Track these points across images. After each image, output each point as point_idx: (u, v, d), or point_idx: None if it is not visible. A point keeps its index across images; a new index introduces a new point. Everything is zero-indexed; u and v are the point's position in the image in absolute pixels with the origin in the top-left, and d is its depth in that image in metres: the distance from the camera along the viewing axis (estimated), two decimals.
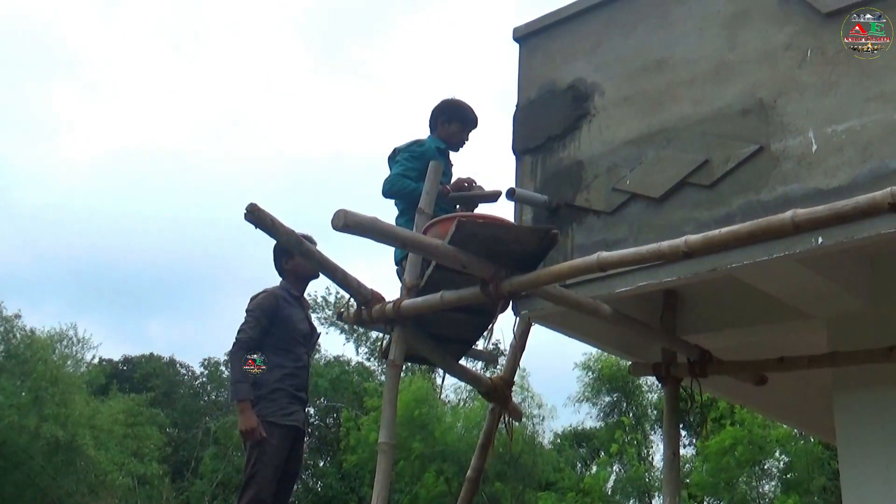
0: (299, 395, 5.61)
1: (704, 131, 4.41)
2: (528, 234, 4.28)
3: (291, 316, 5.70)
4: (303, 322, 5.80)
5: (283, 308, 5.67)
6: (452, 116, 5.64)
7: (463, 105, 5.68)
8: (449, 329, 4.88)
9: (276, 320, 5.62)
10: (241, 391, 5.42)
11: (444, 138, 5.61)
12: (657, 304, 5.18)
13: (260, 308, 5.62)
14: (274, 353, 5.55)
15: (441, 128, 5.63)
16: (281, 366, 5.55)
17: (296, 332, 5.69)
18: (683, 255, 3.46)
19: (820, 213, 3.11)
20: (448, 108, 5.65)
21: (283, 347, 5.61)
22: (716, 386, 5.73)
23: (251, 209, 4.02)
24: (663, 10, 4.77)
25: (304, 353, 5.74)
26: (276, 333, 5.61)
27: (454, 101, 5.69)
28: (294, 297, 5.79)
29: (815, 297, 4.65)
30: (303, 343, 5.73)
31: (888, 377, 4.52)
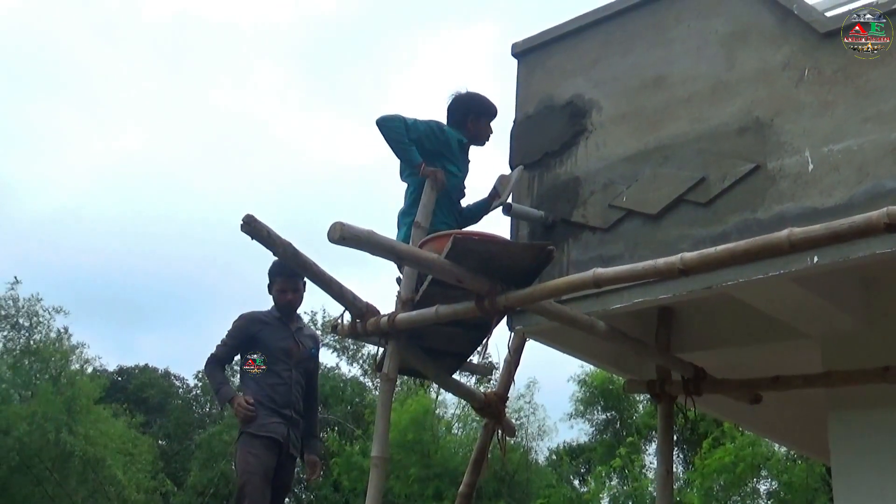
0: (282, 412, 5.70)
1: (701, 149, 4.42)
2: (524, 251, 4.29)
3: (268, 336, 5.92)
4: (284, 340, 5.96)
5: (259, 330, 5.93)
6: (482, 112, 5.45)
7: (487, 99, 5.51)
8: (443, 343, 4.88)
9: (252, 343, 5.90)
10: (227, 392, 5.84)
11: (474, 135, 5.45)
12: (652, 322, 5.18)
13: (233, 330, 6.01)
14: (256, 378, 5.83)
15: (471, 125, 5.44)
16: (260, 383, 5.78)
17: (274, 350, 5.89)
18: (679, 272, 3.46)
19: (816, 232, 3.11)
20: (477, 104, 5.45)
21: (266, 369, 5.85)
22: (710, 404, 5.72)
23: (247, 220, 4.02)
24: (661, 28, 4.79)
25: (285, 370, 5.88)
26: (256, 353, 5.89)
27: (480, 96, 5.50)
28: (277, 319, 6.01)
29: (810, 316, 4.65)
30: (283, 360, 5.89)
31: (883, 397, 4.51)
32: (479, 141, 5.47)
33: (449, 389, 5.48)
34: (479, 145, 5.51)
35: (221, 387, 5.90)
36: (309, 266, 4.45)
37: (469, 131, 5.36)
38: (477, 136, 5.43)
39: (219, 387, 5.92)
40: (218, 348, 5.96)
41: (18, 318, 27.12)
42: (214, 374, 5.96)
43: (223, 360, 6.01)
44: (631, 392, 5.97)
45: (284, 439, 5.67)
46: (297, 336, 6.05)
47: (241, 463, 5.60)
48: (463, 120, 5.37)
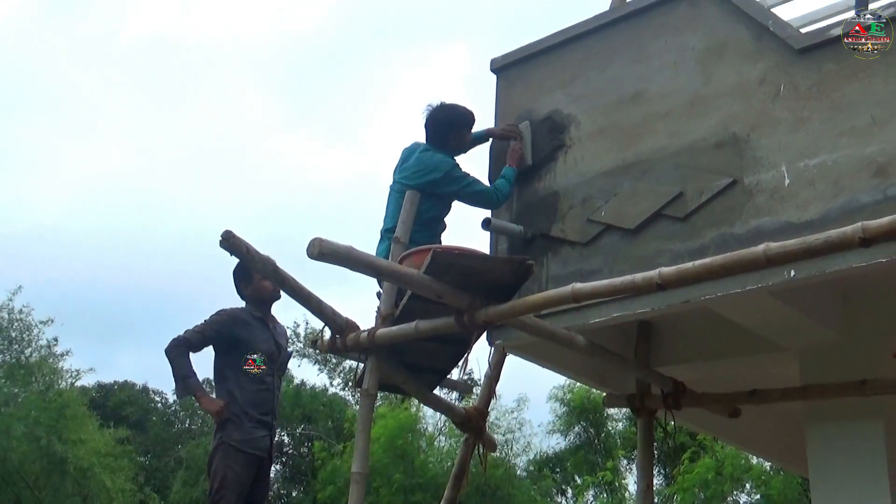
0: (264, 420, 5.59)
1: (679, 164, 4.44)
2: (503, 265, 4.29)
3: (251, 337, 5.71)
4: (266, 342, 5.78)
5: (241, 330, 5.69)
6: (463, 125, 5.32)
7: (463, 109, 5.35)
8: (423, 358, 4.87)
9: (234, 342, 5.64)
10: (194, 385, 5.54)
11: (456, 147, 5.33)
12: (631, 336, 5.20)
13: (212, 324, 5.68)
14: (237, 375, 5.56)
15: (453, 139, 5.30)
16: (244, 389, 5.57)
17: (257, 351, 5.68)
18: (657, 287, 3.48)
19: (792, 246, 3.13)
20: (456, 119, 5.30)
21: (246, 370, 5.62)
22: (689, 418, 5.74)
23: (226, 236, 4.01)
24: (639, 43, 4.82)
25: (268, 375, 5.71)
26: (237, 355, 5.63)
27: (457, 109, 5.34)
28: (256, 318, 5.79)
29: (787, 329, 4.68)
30: (267, 364, 5.71)
31: (860, 410, 4.54)
32: (463, 150, 5.40)
33: (429, 405, 5.48)
34: (463, 153, 5.46)
35: (189, 378, 5.49)
36: (288, 281, 4.44)
37: (451, 145, 5.29)
38: (460, 147, 5.35)
39: (186, 376, 5.49)
40: (191, 333, 5.57)
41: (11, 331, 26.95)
42: (181, 361, 5.52)
43: (193, 347, 5.57)
44: (611, 406, 5.98)
45: (266, 454, 5.62)
46: (276, 338, 5.92)
47: (219, 475, 5.38)
48: (446, 137, 5.25)
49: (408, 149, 5.36)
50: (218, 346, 5.68)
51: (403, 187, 4.98)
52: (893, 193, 3.72)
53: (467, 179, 5.06)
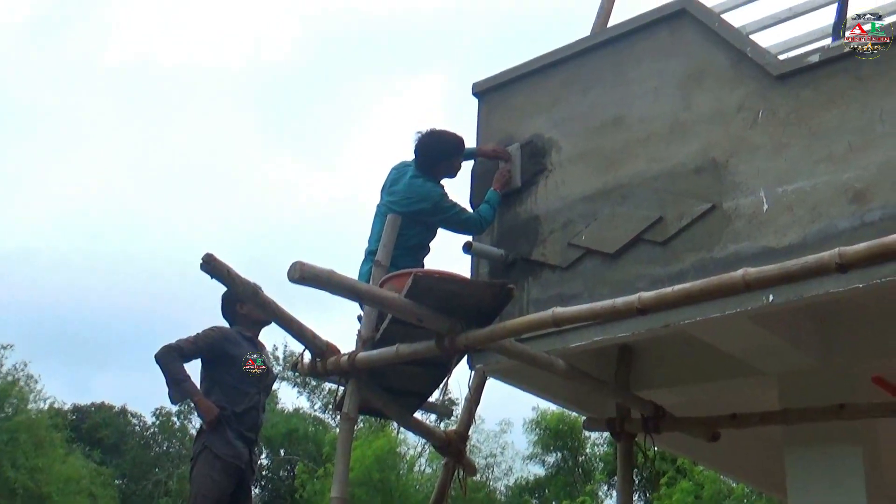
0: (248, 436, 5.59)
1: (659, 189, 4.47)
2: (484, 289, 4.30)
3: (241, 355, 5.71)
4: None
5: (231, 346, 5.70)
6: (452, 153, 5.28)
7: (452, 136, 5.30)
8: (404, 382, 4.86)
9: (224, 359, 5.66)
10: (189, 388, 5.54)
11: (445, 173, 5.30)
12: (611, 360, 5.20)
13: (205, 337, 5.69)
14: (225, 392, 5.59)
15: (443, 166, 5.26)
16: (233, 407, 5.57)
17: (247, 372, 5.68)
18: (637, 311, 3.49)
19: (770, 272, 3.15)
20: (445, 147, 5.26)
21: (235, 386, 5.64)
22: (669, 442, 5.75)
23: (207, 259, 3.99)
24: (620, 69, 4.86)
25: (256, 394, 5.74)
26: (228, 372, 5.64)
27: (446, 136, 5.29)
28: (246, 339, 5.80)
29: (766, 353, 4.70)
30: (255, 382, 5.71)
31: (839, 434, 4.56)
32: (451, 175, 5.38)
33: (409, 428, 5.46)
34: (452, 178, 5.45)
35: (185, 382, 5.50)
36: (269, 305, 4.42)
37: (440, 172, 5.27)
38: (449, 173, 5.34)
39: (181, 380, 5.51)
40: (183, 342, 5.59)
41: None
42: (176, 366, 5.53)
43: (184, 355, 5.59)
44: (591, 430, 5.98)
45: (246, 465, 5.58)
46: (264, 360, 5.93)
47: (199, 482, 5.41)
48: (435, 163, 5.22)
49: (396, 169, 5.36)
50: (207, 361, 5.70)
51: (390, 211, 4.98)
52: (870, 219, 3.75)
53: (455, 209, 5.08)
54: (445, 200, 5.10)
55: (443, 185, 5.24)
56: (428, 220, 5.07)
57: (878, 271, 3.54)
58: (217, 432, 5.48)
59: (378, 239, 4.96)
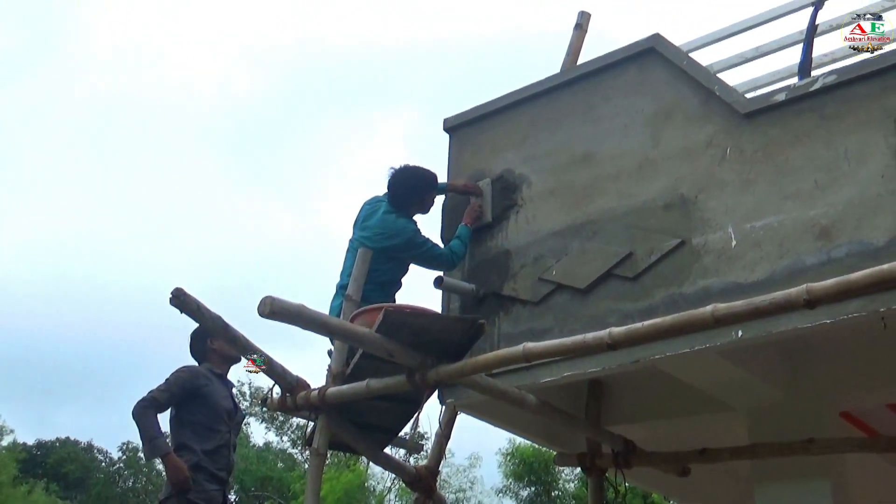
0: (219, 475, 5.52)
1: (629, 224, 4.50)
2: (455, 324, 4.30)
3: (213, 393, 5.64)
4: (226, 399, 5.74)
5: (202, 385, 5.62)
6: (426, 189, 5.30)
7: (426, 172, 5.32)
8: (374, 417, 4.84)
9: (196, 397, 5.56)
10: (162, 446, 5.37)
11: (419, 209, 5.31)
12: (582, 395, 5.21)
13: (177, 380, 5.57)
14: (196, 431, 5.50)
15: (416, 202, 5.28)
16: (205, 447, 5.48)
17: (218, 409, 5.62)
18: (608, 346, 3.50)
19: (739, 308, 3.17)
20: (420, 184, 5.28)
21: (206, 425, 5.55)
22: (640, 477, 5.74)
23: (176, 294, 3.98)
24: (589, 106, 4.91)
25: (227, 432, 5.67)
26: (199, 411, 5.56)
27: (420, 173, 5.30)
28: (216, 375, 5.74)
29: (735, 389, 4.73)
30: (226, 420, 5.66)
31: (808, 469, 4.57)
32: (424, 210, 5.38)
33: (379, 464, 5.43)
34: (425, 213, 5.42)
35: (157, 438, 5.37)
36: (238, 339, 4.41)
37: (413, 207, 5.27)
38: (422, 208, 5.34)
39: (154, 437, 5.37)
40: (159, 393, 5.44)
41: None
42: (150, 421, 5.37)
43: (160, 407, 5.46)
44: (562, 465, 5.98)
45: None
46: (233, 398, 5.90)
47: None
48: (409, 199, 5.24)
49: (369, 204, 5.36)
50: (178, 401, 5.57)
51: (363, 246, 4.97)
52: (837, 255, 3.80)
53: (427, 245, 5.09)
54: (418, 236, 5.11)
55: (415, 220, 5.25)
56: (400, 255, 5.08)
57: (846, 307, 3.58)
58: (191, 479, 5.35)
59: (349, 273, 4.95)
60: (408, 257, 5.12)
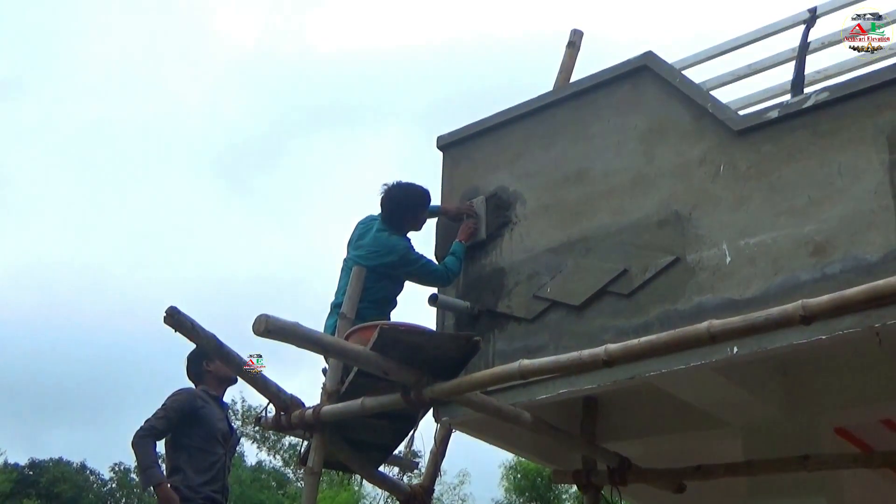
0: (215, 497, 5.52)
1: (623, 241, 4.51)
2: (450, 342, 4.29)
3: (209, 415, 5.65)
4: (221, 422, 5.76)
5: (199, 407, 5.63)
6: (418, 206, 5.26)
7: (418, 189, 5.28)
8: (369, 435, 4.83)
9: (193, 419, 5.57)
10: (155, 476, 5.39)
11: (412, 226, 5.28)
12: (577, 412, 5.20)
13: (173, 404, 5.58)
14: (192, 454, 5.51)
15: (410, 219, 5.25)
16: (200, 470, 5.48)
17: (214, 431, 5.63)
18: (603, 363, 3.50)
19: (734, 324, 3.18)
20: (411, 201, 5.24)
21: (203, 448, 5.56)
22: (635, 494, 5.73)
23: (171, 313, 3.97)
24: (582, 124, 4.92)
25: (223, 454, 5.67)
26: (195, 433, 5.57)
27: (412, 189, 5.27)
28: (212, 397, 5.74)
29: (730, 405, 4.73)
30: (221, 443, 5.66)
31: (803, 485, 4.57)
32: (417, 227, 5.36)
33: (374, 482, 5.41)
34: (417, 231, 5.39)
35: (152, 468, 5.40)
36: (233, 358, 4.39)
37: (407, 225, 5.25)
38: (415, 226, 5.32)
39: (149, 466, 5.38)
40: (157, 420, 5.47)
41: None
42: (147, 451, 5.42)
43: (159, 435, 5.49)
44: (557, 482, 5.96)
45: None
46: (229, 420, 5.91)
47: None
48: (401, 216, 5.21)
49: (363, 223, 5.35)
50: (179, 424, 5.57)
51: (357, 265, 4.97)
52: (831, 272, 3.81)
53: (421, 261, 5.08)
54: (412, 253, 5.10)
55: (409, 237, 5.24)
56: (394, 272, 5.07)
57: (841, 323, 3.58)
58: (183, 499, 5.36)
59: (344, 292, 4.94)
60: (402, 274, 5.11)
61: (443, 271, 5.05)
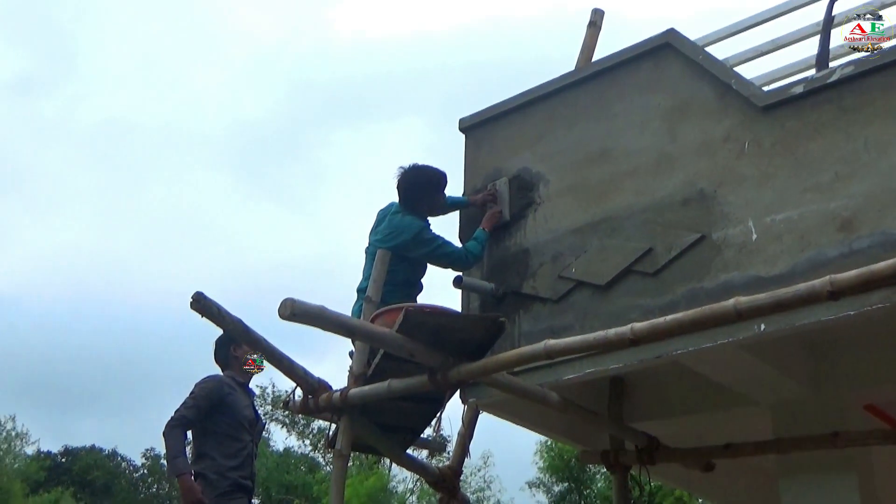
0: (244, 483, 5.56)
1: (647, 220, 4.49)
2: (476, 323, 4.30)
3: (236, 402, 5.70)
4: (248, 409, 5.81)
5: (227, 394, 5.68)
6: (436, 189, 5.26)
7: (436, 171, 5.29)
8: (396, 418, 4.84)
9: (220, 406, 5.63)
10: (180, 465, 5.44)
11: (430, 209, 5.28)
12: (604, 392, 5.20)
13: (201, 392, 5.63)
14: (220, 441, 5.56)
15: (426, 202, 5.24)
16: (227, 455, 5.54)
17: (241, 418, 5.69)
18: (630, 342, 3.49)
19: (762, 301, 3.16)
20: (429, 185, 5.24)
21: (230, 434, 5.62)
22: (664, 473, 5.72)
23: (197, 298, 3.99)
24: (604, 103, 4.89)
25: (250, 441, 5.73)
26: (222, 420, 5.63)
27: (429, 173, 5.28)
28: (238, 384, 5.78)
29: (758, 383, 4.70)
30: (248, 430, 5.71)
31: (833, 462, 4.55)
32: (437, 212, 5.37)
33: (402, 465, 5.43)
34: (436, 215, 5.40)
35: (178, 457, 5.45)
36: (259, 342, 4.42)
37: (423, 207, 5.25)
38: (432, 209, 5.30)
39: (176, 455, 5.45)
40: (187, 410, 5.54)
41: None
42: (177, 439, 5.49)
43: (190, 423, 5.57)
44: (585, 463, 5.96)
45: None
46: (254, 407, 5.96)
47: None
48: (417, 199, 5.20)
49: (382, 210, 5.36)
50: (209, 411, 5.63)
51: (377, 249, 4.97)
52: (859, 247, 3.77)
53: (437, 241, 5.06)
54: (426, 232, 5.08)
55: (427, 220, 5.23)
56: (411, 253, 5.03)
57: (869, 298, 3.55)
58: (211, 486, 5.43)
59: (368, 277, 4.95)
60: (419, 255, 5.08)
61: (462, 253, 5.03)
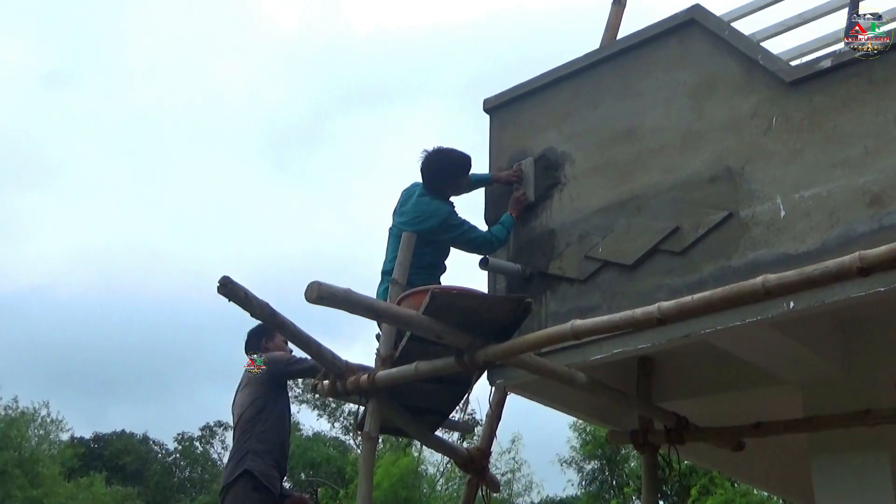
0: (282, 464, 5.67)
1: (674, 199, 4.45)
2: (502, 304, 4.28)
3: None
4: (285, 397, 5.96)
5: None
6: (459, 173, 5.25)
7: (459, 154, 5.27)
8: (424, 400, 4.86)
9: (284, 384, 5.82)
10: None
11: (454, 191, 5.29)
12: (632, 372, 5.18)
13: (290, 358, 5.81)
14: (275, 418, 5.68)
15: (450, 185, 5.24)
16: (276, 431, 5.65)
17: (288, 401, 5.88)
18: (657, 321, 3.46)
19: (790, 278, 3.12)
20: (453, 168, 5.23)
21: (283, 414, 5.76)
22: (693, 453, 5.71)
23: (224, 282, 3.99)
24: (630, 81, 4.85)
25: (289, 424, 5.88)
26: (282, 397, 5.78)
27: (453, 156, 5.26)
28: None
29: (788, 361, 4.67)
30: (288, 415, 5.86)
31: (864, 440, 4.52)
32: (459, 193, 5.36)
33: (431, 446, 5.44)
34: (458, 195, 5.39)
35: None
36: (287, 326, 4.42)
37: (447, 190, 5.24)
38: (456, 191, 5.32)
39: None
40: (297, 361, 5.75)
41: None
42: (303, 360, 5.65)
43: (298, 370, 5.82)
44: (614, 443, 5.94)
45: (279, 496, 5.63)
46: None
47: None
48: (442, 182, 5.21)
49: (406, 191, 5.36)
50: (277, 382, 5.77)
51: (401, 231, 4.98)
52: (889, 223, 3.73)
53: (464, 227, 5.06)
54: (454, 218, 5.08)
55: (452, 202, 5.22)
56: (437, 238, 5.05)
57: None
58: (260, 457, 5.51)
59: (392, 259, 4.95)
60: (445, 239, 5.09)
61: (486, 237, 5.02)
